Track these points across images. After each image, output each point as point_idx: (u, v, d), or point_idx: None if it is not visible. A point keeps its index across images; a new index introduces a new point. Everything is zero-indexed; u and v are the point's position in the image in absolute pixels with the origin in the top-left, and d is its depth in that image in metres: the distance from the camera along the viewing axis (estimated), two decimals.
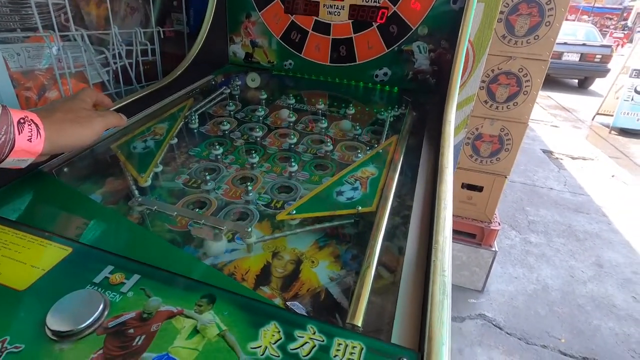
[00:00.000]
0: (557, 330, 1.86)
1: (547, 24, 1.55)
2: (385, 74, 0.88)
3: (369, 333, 0.34)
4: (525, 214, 3.01)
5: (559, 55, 7.28)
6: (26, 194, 0.50)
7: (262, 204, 0.56)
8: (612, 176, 3.83)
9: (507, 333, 1.84)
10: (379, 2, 0.81)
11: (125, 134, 0.67)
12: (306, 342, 0.30)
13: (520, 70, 1.66)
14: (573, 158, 4.28)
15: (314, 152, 0.70)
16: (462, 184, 1.97)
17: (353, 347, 0.29)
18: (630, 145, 4.88)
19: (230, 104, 0.83)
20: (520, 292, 2.12)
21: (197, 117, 0.76)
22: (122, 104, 0.69)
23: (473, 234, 2.04)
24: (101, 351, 0.28)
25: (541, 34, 1.57)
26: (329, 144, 0.69)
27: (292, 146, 0.70)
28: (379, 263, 0.43)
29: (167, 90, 0.80)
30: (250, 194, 0.56)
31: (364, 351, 0.29)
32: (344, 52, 0.88)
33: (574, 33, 7.89)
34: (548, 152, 4.36)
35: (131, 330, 0.30)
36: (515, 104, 1.72)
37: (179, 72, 0.83)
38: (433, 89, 0.83)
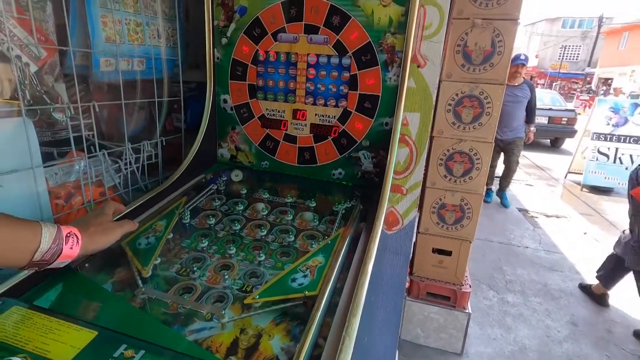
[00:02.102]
0: None
1: (487, 113, 1.87)
2: (340, 173, 1.11)
3: None
4: (503, 274, 3.14)
5: None
6: (59, 287, 0.68)
7: (236, 289, 0.73)
8: (584, 233, 4.03)
9: None
10: (331, 122, 1.08)
11: (133, 232, 0.86)
12: None
13: (471, 150, 1.94)
14: (547, 216, 4.52)
15: (280, 241, 0.89)
16: (433, 248, 2.15)
17: None
18: (601, 202, 5.16)
19: (217, 199, 1.04)
20: (499, 353, 2.19)
21: (189, 212, 0.96)
22: (132, 207, 0.90)
23: (448, 296, 2.17)
24: None
25: (484, 121, 1.88)
26: (291, 235, 0.89)
27: (263, 237, 0.90)
28: (316, 334, 0.60)
29: (167, 191, 1.02)
30: (227, 281, 0.74)
31: None
32: (307, 157, 1.13)
33: (540, 99, 8.64)
34: (524, 211, 4.60)
35: None
36: (470, 177, 1.97)
37: (176, 177, 1.06)
38: (377, 185, 1.06)
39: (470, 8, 1.77)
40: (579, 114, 9.41)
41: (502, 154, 4.35)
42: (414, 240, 2.02)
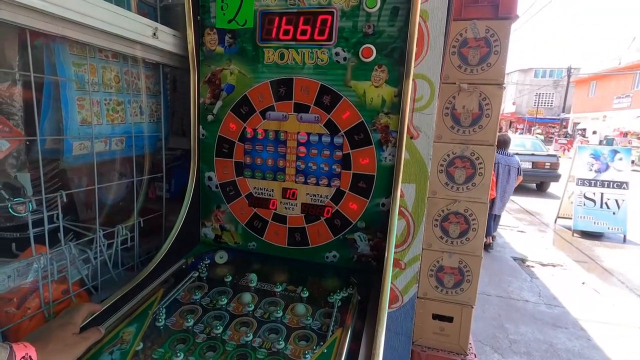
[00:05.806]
0: None
1: (480, 174, 1.85)
2: (334, 256, 1.03)
3: None
4: (506, 332, 2.97)
5: None
6: None
7: None
8: (583, 283, 3.94)
9: None
10: (324, 202, 1.01)
11: (95, 344, 0.73)
12: None
13: (466, 210, 1.88)
14: (543, 265, 4.43)
15: (268, 346, 0.77)
16: (433, 314, 2.01)
17: None
18: (594, 248, 5.13)
19: (197, 292, 0.93)
20: None
21: (164, 310, 0.85)
22: (101, 310, 0.78)
23: None
24: None
25: (477, 181, 1.85)
26: (281, 340, 0.77)
27: (249, 342, 0.78)
28: None
29: (142, 284, 0.90)
30: None
31: None
32: (299, 238, 1.04)
33: (522, 144, 8.93)
34: (519, 260, 4.51)
35: None
36: (467, 239, 1.90)
37: (154, 265, 0.95)
38: (375, 269, 0.97)
39: (456, 74, 1.81)
40: (560, 156, 9.71)
41: None
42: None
